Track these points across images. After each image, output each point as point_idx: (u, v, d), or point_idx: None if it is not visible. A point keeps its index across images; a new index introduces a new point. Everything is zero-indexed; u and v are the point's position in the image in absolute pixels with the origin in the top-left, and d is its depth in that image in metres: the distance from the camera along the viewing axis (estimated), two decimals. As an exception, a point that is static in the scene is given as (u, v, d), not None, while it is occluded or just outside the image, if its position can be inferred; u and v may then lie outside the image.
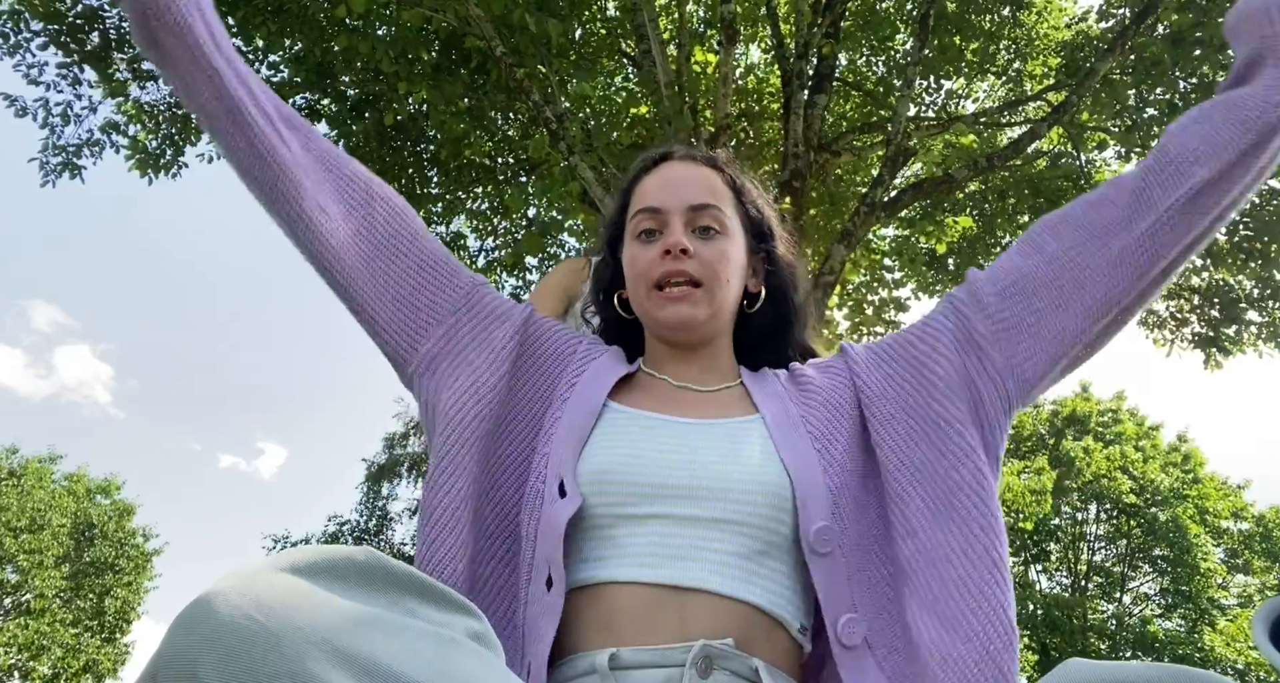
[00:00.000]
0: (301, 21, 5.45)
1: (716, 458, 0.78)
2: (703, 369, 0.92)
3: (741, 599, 0.73)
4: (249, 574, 0.44)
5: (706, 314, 0.87)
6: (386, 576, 0.50)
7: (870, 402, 0.85)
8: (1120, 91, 6.08)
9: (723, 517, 0.75)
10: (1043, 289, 0.81)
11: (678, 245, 0.85)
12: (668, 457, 0.79)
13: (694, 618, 0.71)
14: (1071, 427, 17.02)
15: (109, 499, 18.38)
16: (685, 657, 0.68)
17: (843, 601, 0.76)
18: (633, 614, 0.72)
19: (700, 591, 0.72)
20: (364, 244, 0.87)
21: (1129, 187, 0.82)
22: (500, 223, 7.60)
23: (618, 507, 0.76)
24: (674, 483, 0.76)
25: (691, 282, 0.86)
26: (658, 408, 0.86)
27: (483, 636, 0.52)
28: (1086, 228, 0.82)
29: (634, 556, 0.74)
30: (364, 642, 0.43)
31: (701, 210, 0.89)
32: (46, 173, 5.88)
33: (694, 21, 6.85)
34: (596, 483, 0.78)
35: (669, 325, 0.88)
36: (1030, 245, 0.85)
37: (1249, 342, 6.71)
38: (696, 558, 0.73)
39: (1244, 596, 15.43)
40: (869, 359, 0.89)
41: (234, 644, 0.40)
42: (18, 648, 15.91)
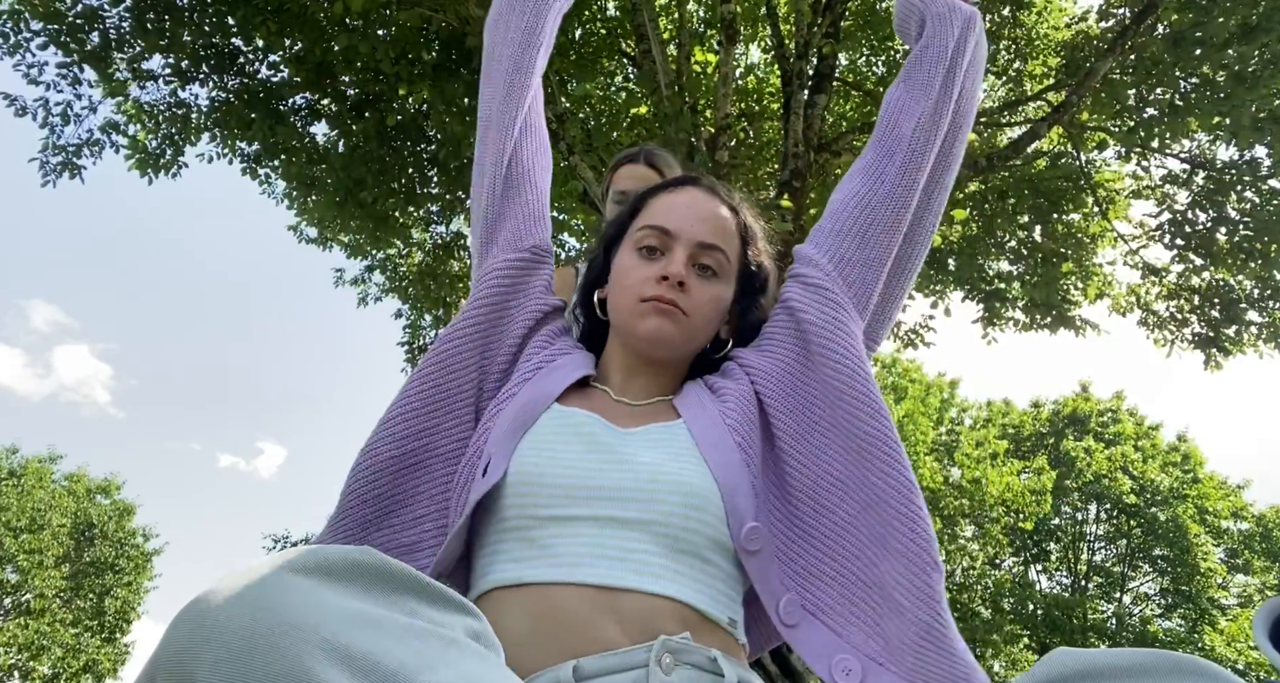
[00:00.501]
0: (301, 21, 5.45)
1: (641, 461, 0.80)
2: (644, 388, 0.94)
3: (669, 597, 0.74)
4: (247, 574, 0.44)
5: (680, 342, 0.91)
6: (385, 575, 0.50)
7: (759, 380, 0.90)
8: (1120, 91, 6.08)
9: (647, 518, 0.76)
10: (847, 231, 0.93)
11: (678, 276, 0.88)
12: (595, 460, 0.80)
13: (631, 617, 0.72)
14: (1072, 427, 17.02)
15: (109, 499, 18.37)
16: (647, 656, 0.69)
17: (777, 587, 0.80)
18: (573, 616, 0.72)
19: (629, 591, 0.73)
20: (515, 164, 1.01)
21: (874, 138, 0.98)
22: (500, 223, 7.60)
23: (544, 508, 0.78)
24: (600, 485, 0.78)
25: (679, 312, 0.90)
26: (594, 413, 0.88)
27: (482, 635, 0.53)
28: (858, 174, 0.97)
29: (562, 557, 0.75)
30: (362, 641, 0.42)
31: (709, 250, 0.92)
32: (46, 173, 5.88)
33: (694, 21, 6.85)
34: (525, 483, 0.79)
35: (646, 334, 0.90)
36: (827, 207, 0.98)
37: (1249, 342, 6.71)
38: (621, 558, 0.75)
39: (1244, 596, 15.43)
40: (752, 353, 0.95)
41: (232, 644, 0.40)
42: (18, 648, 15.90)
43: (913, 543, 0.77)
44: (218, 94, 6.14)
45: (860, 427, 0.82)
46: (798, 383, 0.89)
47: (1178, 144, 6.59)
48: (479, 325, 0.94)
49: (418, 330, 7.82)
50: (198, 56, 5.85)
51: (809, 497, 0.84)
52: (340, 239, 7.34)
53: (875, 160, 0.96)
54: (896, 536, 0.78)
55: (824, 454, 0.85)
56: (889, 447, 0.81)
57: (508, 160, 0.99)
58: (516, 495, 0.79)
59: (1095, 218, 7.13)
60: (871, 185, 0.94)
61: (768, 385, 0.90)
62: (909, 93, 0.98)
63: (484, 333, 0.94)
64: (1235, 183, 6.24)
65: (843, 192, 0.96)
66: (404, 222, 7.10)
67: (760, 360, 0.92)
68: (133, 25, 5.51)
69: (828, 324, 0.88)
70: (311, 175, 6.43)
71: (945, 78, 0.97)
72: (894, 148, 0.95)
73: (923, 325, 7.57)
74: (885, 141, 0.96)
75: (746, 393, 0.90)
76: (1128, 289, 7.44)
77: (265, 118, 5.97)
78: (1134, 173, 7.17)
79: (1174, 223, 6.77)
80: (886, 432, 0.82)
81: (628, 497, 0.77)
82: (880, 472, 0.80)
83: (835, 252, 0.92)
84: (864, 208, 0.92)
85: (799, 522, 0.84)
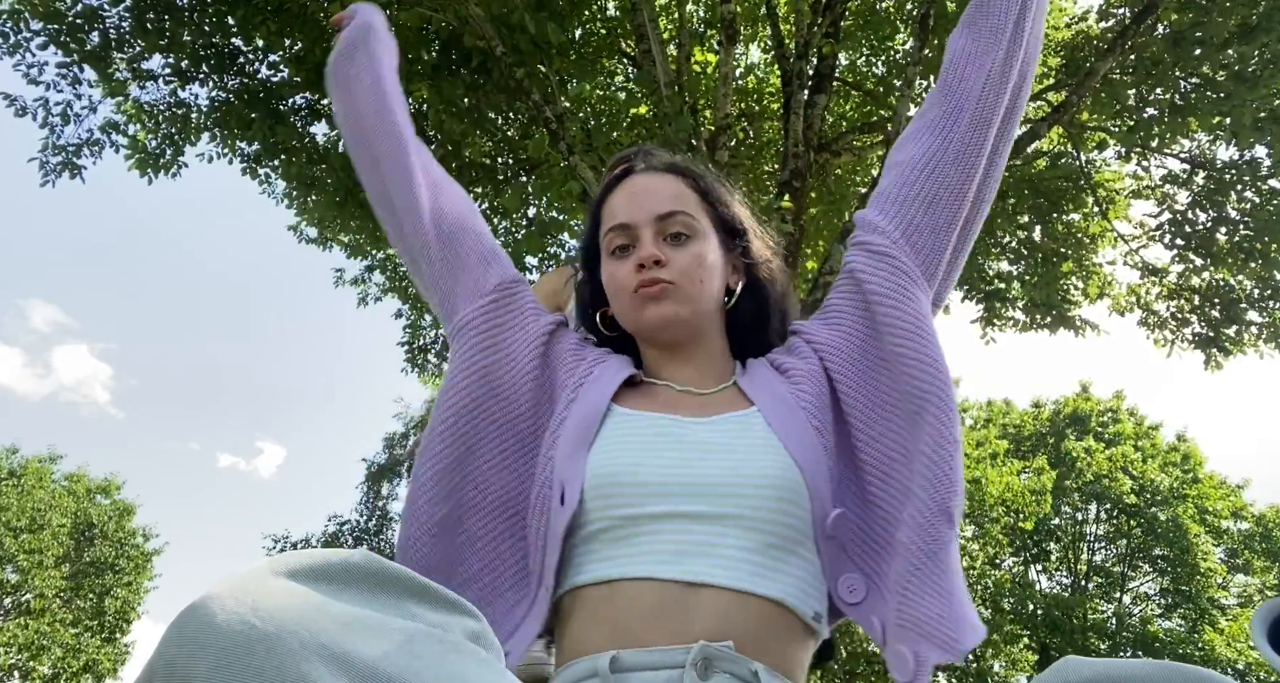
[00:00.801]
0: (301, 21, 5.45)
1: (720, 454, 0.79)
2: (700, 372, 0.93)
3: (752, 593, 0.72)
4: (245, 579, 0.44)
5: (687, 313, 0.89)
6: (384, 578, 0.50)
7: (828, 356, 0.89)
8: (1120, 91, 6.08)
9: (733, 512, 0.75)
10: (913, 197, 0.88)
11: (650, 257, 0.88)
12: (674, 456, 0.79)
13: (700, 615, 0.71)
14: (1073, 427, 17.03)
15: (109, 499, 18.37)
16: (685, 658, 0.68)
17: (843, 565, 0.80)
18: (639, 610, 0.72)
19: (710, 586, 0.72)
20: (442, 222, 0.97)
21: (940, 92, 0.92)
22: (500, 223, 7.60)
23: (626, 508, 0.77)
24: (682, 482, 0.77)
25: (665, 284, 0.89)
26: (661, 410, 0.87)
27: (481, 636, 0.52)
28: (923, 132, 0.91)
29: (646, 554, 0.75)
30: (361, 646, 0.42)
31: (669, 218, 0.91)
32: (46, 172, 5.87)
33: (694, 21, 6.85)
34: (604, 487, 0.78)
35: (652, 325, 0.90)
36: (888, 168, 0.93)
37: (1249, 342, 6.71)
38: (706, 554, 0.73)
39: (1244, 596, 15.43)
40: (817, 325, 0.93)
41: (230, 650, 0.40)
42: (18, 648, 15.90)
43: (932, 488, 0.75)
44: (218, 94, 6.14)
45: (917, 386, 0.80)
46: (865, 355, 0.87)
47: (1178, 144, 6.59)
48: (476, 380, 0.89)
49: (418, 330, 7.82)
50: (198, 56, 5.85)
51: (877, 470, 0.83)
52: (340, 239, 7.34)
53: (941, 118, 0.89)
54: (921, 484, 0.77)
55: (889, 425, 0.83)
56: (940, 404, 0.78)
57: (432, 227, 0.96)
58: (595, 499, 0.78)
59: (1095, 218, 7.13)
60: (939, 145, 0.88)
61: (836, 362, 0.88)
62: (976, 42, 0.91)
63: (488, 385, 0.90)
64: (1235, 183, 6.24)
65: (906, 152, 0.91)
66: (404, 221, 7.09)
67: (826, 334, 0.91)
68: (133, 25, 5.51)
69: (893, 292, 0.85)
70: (311, 175, 6.43)
71: (1017, 23, 0.91)
72: (962, 103, 0.89)
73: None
74: (953, 97, 0.90)
75: (816, 371, 0.88)
76: (1128, 289, 7.44)
77: (265, 118, 5.97)
78: (1134, 173, 7.18)
79: (1174, 223, 6.78)
80: (941, 390, 0.79)
81: (710, 491, 0.76)
82: (928, 428, 0.78)
83: (901, 218, 0.88)
84: (931, 170, 0.88)
85: (867, 497, 0.83)
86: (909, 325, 0.83)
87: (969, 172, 0.88)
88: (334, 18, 1.13)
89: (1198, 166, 6.53)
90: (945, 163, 0.88)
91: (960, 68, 0.91)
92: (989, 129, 0.89)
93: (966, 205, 0.89)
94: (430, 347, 7.78)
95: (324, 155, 6.35)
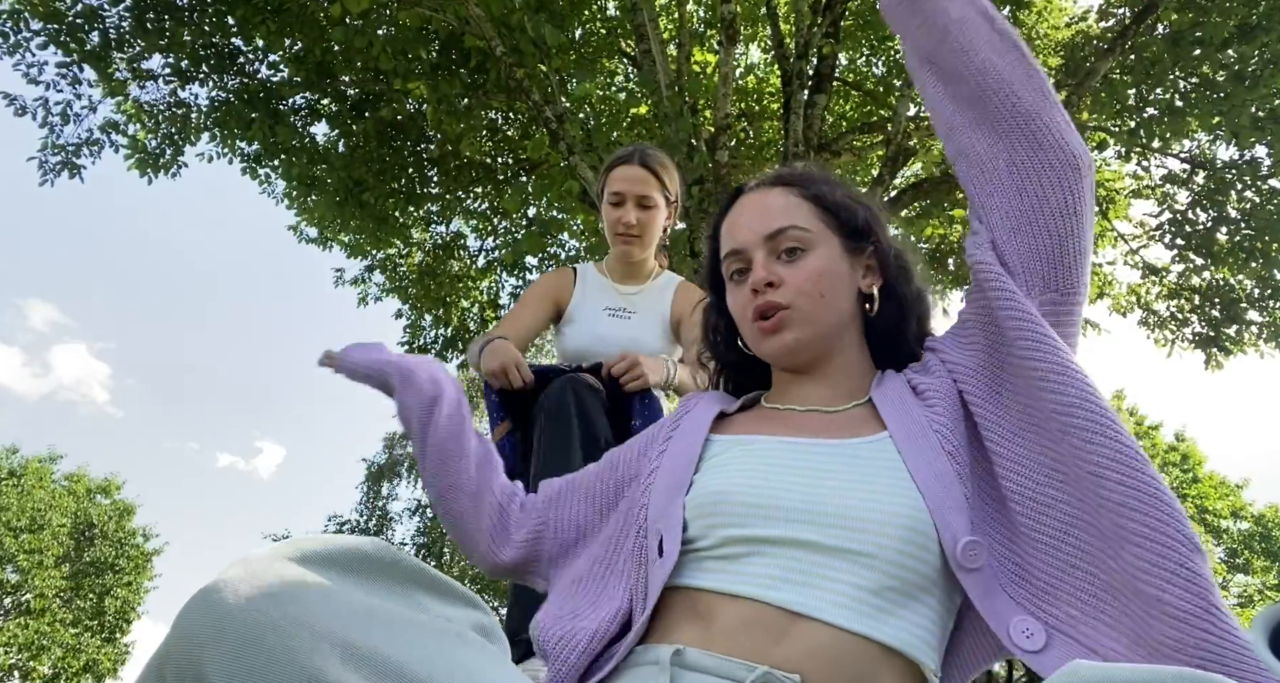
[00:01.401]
0: (301, 21, 5.45)
1: (842, 482, 0.74)
2: (832, 390, 0.88)
3: (865, 636, 0.66)
4: (256, 563, 0.44)
5: (809, 335, 0.85)
6: (394, 568, 0.50)
7: (961, 376, 0.83)
8: (1120, 91, 6.08)
9: (852, 548, 0.69)
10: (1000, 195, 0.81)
11: (761, 282, 0.85)
12: (788, 479, 0.75)
13: (792, 645, 0.66)
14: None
15: (109, 499, 18.37)
16: (747, 676, 0.65)
17: (1006, 606, 0.70)
18: (731, 620, 0.69)
19: (814, 620, 0.66)
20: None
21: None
22: (500, 223, 7.60)
23: (734, 529, 0.73)
24: (795, 506, 0.72)
25: (779, 310, 0.86)
26: (778, 433, 0.83)
27: (488, 629, 0.53)
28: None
29: (750, 576, 0.70)
30: (369, 634, 0.43)
31: (779, 236, 0.87)
32: (45, 172, 5.87)
33: (694, 21, 6.85)
34: (709, 506, 0.75)
35: (772, 355, 0.88)
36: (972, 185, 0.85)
37: (1250, 341, 6.71)
38: (814, 585, 0.68)
39: (1244, 596, 15.43)
40: (951, 342, 0.87)
41: (242, 635, 0.40)
42: (18, 648, 15.90)
43: (1154, 520, 0.63)
44: (218, 94, 6.14)
45: (1059, 400, 0.70)
46: (997, 372, 0.79)
47: (1178, 144, 6.59)
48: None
49: (418, 330, 7.82)
50: (198, 56, 5.85)
51: (1027, 498, 0.73)
52: (340, 239, 7.34)
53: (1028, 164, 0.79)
54: (1128, 515, 0.64)
55: (1033, 446, 0.74)
56: (1093, 412, 0.68)
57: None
58: (699, 519, 0.75)
59: (1095, 217, 7.13)
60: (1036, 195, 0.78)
61: (969, 382, 0.82)
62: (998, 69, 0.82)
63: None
64: (1235, 183, 6.24)
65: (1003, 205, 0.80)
66: (404, 222, 7.10)
67: (958, 354, 0.84)
68: (133, 25, 5.51)
69: (1009, 302, 0.77)
70: (311, 175, 6.43)
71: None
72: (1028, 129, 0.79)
73: (923, 325, 7.57)
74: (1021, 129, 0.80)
75: (950, 390, 0.82)
76: (1128, 289, 7.44)
77: (265, 118, 5.97)
78: (1134, 173, 7.18)
79: (1174, 222, 6.77)
80: (1089, 397, 0.69)
81: (829, 521, 0.71)
82: (1088, 443, 0.67)
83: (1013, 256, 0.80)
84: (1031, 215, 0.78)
85: (1020, 529, 0.73)
86: (1031, 336, 0.74)
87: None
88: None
89: (1198, 166, 6.53)
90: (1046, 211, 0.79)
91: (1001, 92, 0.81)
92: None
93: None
94: (430, 347, 7.78)
95: (324, 155, 6.36)
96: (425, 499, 15.86)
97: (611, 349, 1.70)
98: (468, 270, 7.74)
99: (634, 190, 1.76)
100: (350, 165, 6.24)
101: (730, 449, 0.82)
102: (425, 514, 15.53)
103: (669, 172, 1.80)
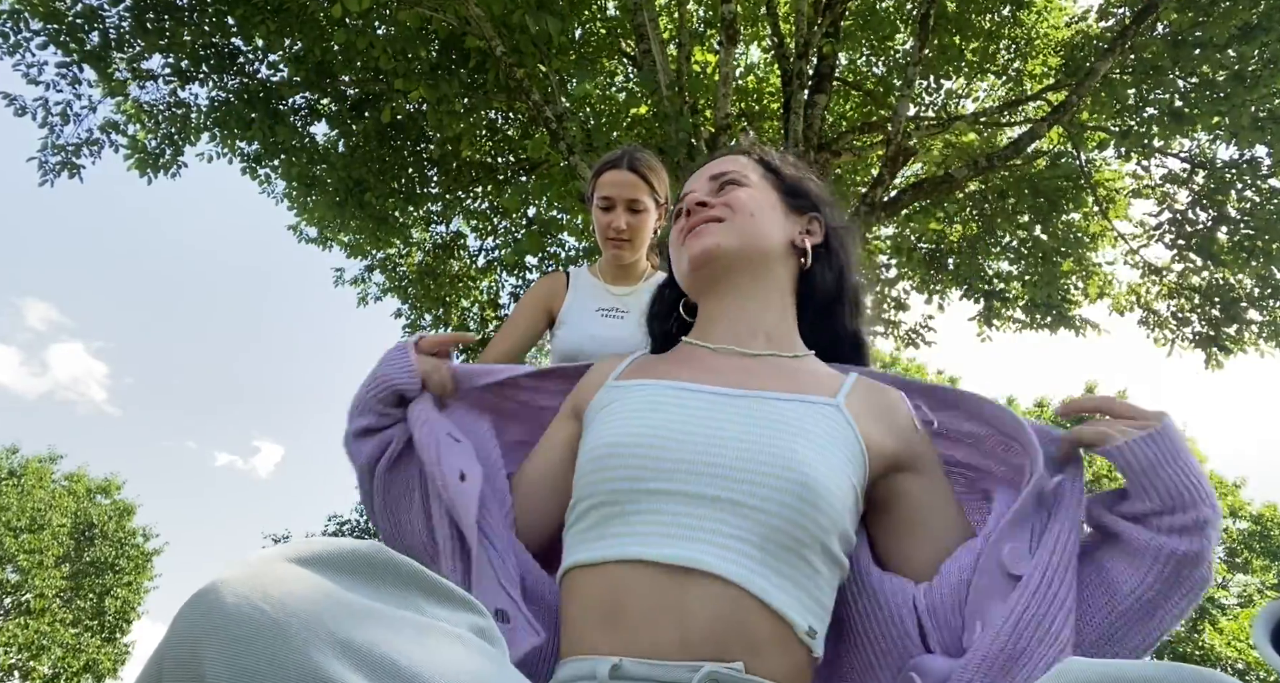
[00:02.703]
0: (301, 21, 5.45)
1: (748, 433, 0.73)
2: (750, 327, 0.86)
3: (745, 588, 0.67)
4: (255, 564, 0.44)
5: (733, 244, 0.85)
6: (392, 570, 0.50)
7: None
8: (1120, 91, 6.08)
9: (740, 500, 0.70)
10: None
11: (694, 200, 0.87)
12: (685, 429, 0.75)
13: (696, 611, 0.67)
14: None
15: (109, 499, 18.38)
16: (691, 677, 0.65)
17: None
18: (633, 601, 0.69)
19: (703, 573, 0.68)
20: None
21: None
22: (500, 222, 7.60)
23: (625, 483, 0.73)
24: (690, 459, 0.72)
25: (714, 220, 0.87)
26: (685, 376, 0.82)
27: (487, 631, 0.53)
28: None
29: (640, 534, 0.71)
30: (369, 635, 0.42)
31: (719, 177, 0.90)
32: (45, 172, 5.87)
33: (694, 21, 6.85)
34: (602, 458, 0.76)
35: (695, 260, 0.86)
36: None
37: (1250, 341, 6.71)
38: (700, 538, 0.69)
39: (1244, 595, 15.43)
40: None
41: (239, 634, 0.40)
42: (18, 648, 15.90)
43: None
44: (218, 94, 6.14)
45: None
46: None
47: (1178, 144, 6.59)
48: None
49: (417, 330, 7.81)
50: (198, 56, 5.85)
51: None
52: (340, 239, 7.34)
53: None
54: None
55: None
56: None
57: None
58: (591, 473, 0.76)
59: (1095, 217, 7.14)
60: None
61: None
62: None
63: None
64: (1235, 182, 6.24)
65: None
66: (404, 221, 7.10)
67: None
68: (132, 25, 5.51)
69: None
70: (311, 175, 6.43)
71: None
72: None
73: (923, 325, 7.57)
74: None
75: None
76: (1128, 288, 7.44)
77: (265, 118, 5.97)
78: (1134, 172, 7.18)
79: (1174, 222, 6.78)
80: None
81: (721, 473, 0.71)
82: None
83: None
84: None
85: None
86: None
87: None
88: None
89: (1198, 166, 6.53)
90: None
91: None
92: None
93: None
94: (430, 346, 7.77)
95: (324, 155, 6.36)
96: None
97: (605, 349, 1.71)
98: (468, 270, 7.74)
99: (623, 195, 1.78)
100: (350, 165, 6.24)
101: (629, 397, 0.81)
102: (425, 514, 15.53)
103: (657, 174, 1.82)
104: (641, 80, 5.37)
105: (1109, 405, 0.80)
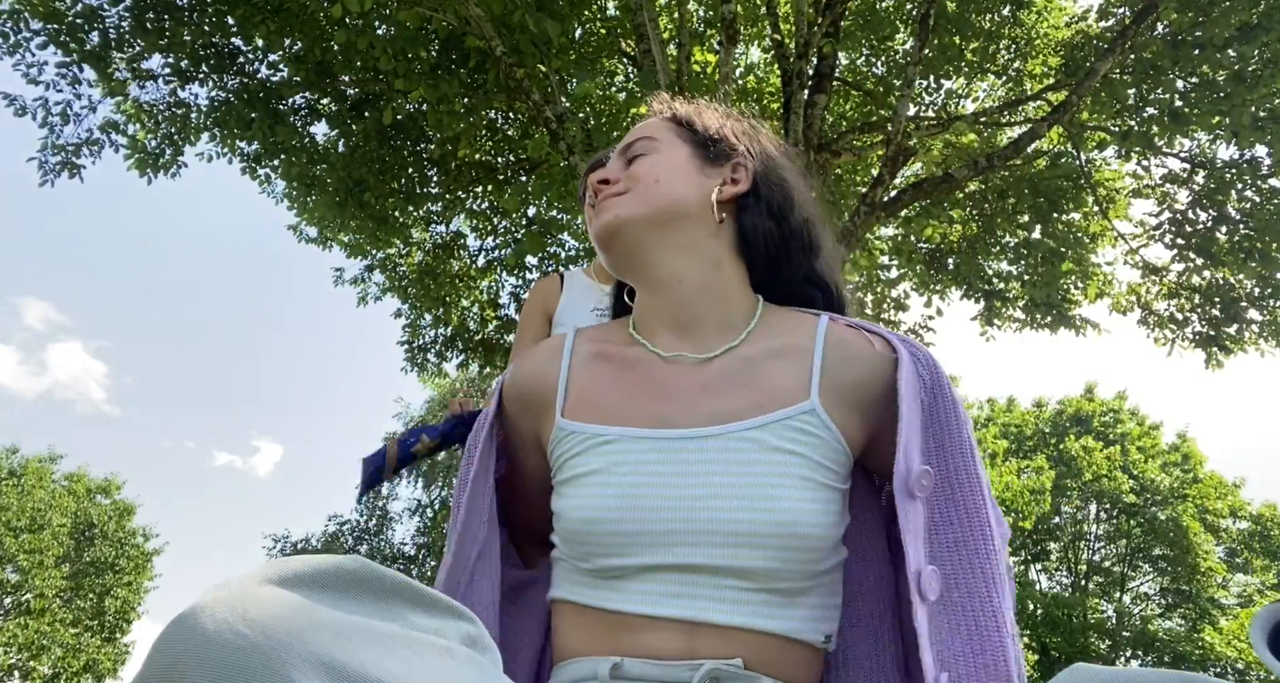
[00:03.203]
0: (301, 21, 5.45)
1: (719, 490, 0.70)
2: (693, 317, 0.80)
3: (756, 630, 0.68)
4: (236, 587, 0.43)
5: (637, 214, 0.79)
6: (377, 584, 0.49)
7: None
8: (1120, 91, 6.08)
9: (737, 566, 0.69)
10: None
11: (597, 179, 0.83)
12: (662, 495, 0.71)
13: (703, 641, 0.68)
14: (1076, 427, 17.05)
15: (109, 499, 18.39)
16: (692, 676, 0.66)
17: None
18: (639, 627, 0.69)
19: (712, 625, 0.68)
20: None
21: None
22: (500, 222, 7.60)
23: (615, 559, 0.71)
24: (675, 530, 0.70)
25: (613, 191, 0.83)
26: (645, 416, 0.76)
27: (477, 640, 0.52)
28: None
29: (638, 595, 0.70)
30: (354, 654, 0.42)
31: (628, 149, 0.86)
32: (45, 172, 5.87)
33: (694, 21, 6.85)
34: (585, 534, 0.72)
35: (600, 238, 0.82)
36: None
37: (1250, 340, 6.71)
38: (703, 597, 0.69)
39: (1244, 595, 15.43)
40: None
41: (221, 659, 0.39)
42: (18, 648, 15.91)
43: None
44: (218, 94, 6.14)
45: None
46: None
47: (1178, 144, 6.59)
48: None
49: (417, 330, 7.82)
50: (198, 56, 5.85)
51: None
52: (340, 239, 7.34)
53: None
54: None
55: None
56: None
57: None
58: (577, 545, 0.73)
59: (1095, 217, 7.14)
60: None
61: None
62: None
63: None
64: (1235, 182, 6.24)
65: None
66: (404, 221, 7.10)
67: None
68: (132, 25, 5.51)
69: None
70: (311, 175, 6.43)
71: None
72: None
73: (922, 325, 7.58)
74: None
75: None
76: (1128, 288, 7.44)
77: (265, 118, 5.97)
78: (1134, 172, 7.18)
79: (1174, 222, 6.78)
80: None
81: (707, 540, 0.69)
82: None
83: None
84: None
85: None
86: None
87: None
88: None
89: (1198, 166, 6.53)
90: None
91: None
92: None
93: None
94: (430, 346, 7.78)
95: (324, 155, 6.36)
96: (425, 499, 15.87)
97: None
98: (468, 270, 7.74)
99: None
100: (350, 165, 6.24)
101: (594, 450, 0.75)
102: (425, 514, 15.54)
103: None
104: (641, 80, 5.37)
105: None
